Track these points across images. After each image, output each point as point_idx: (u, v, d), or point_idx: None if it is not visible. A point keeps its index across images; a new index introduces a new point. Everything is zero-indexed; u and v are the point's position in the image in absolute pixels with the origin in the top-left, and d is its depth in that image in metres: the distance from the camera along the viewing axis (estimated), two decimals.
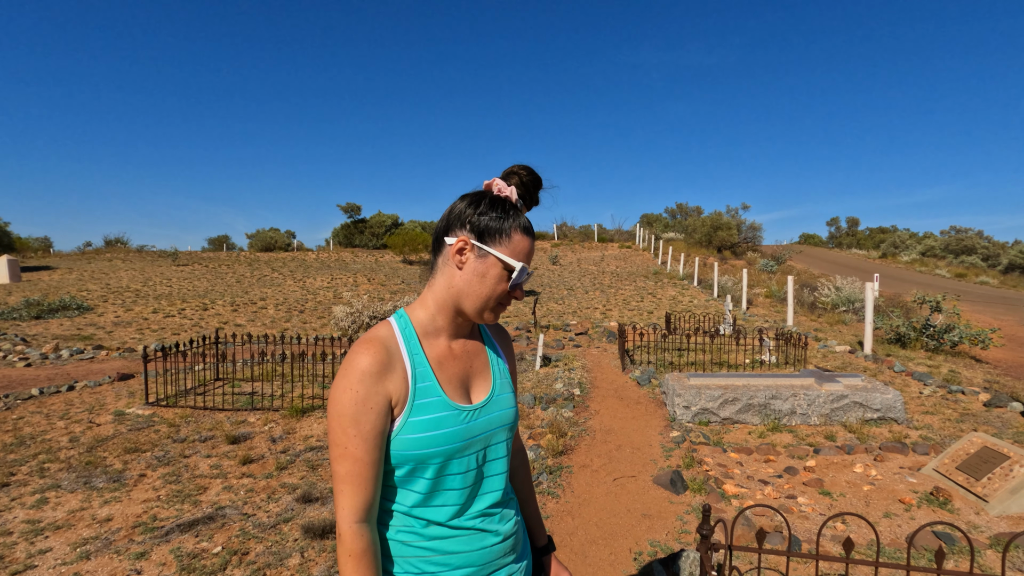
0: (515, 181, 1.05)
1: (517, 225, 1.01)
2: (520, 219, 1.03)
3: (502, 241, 1.00)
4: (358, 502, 0.93)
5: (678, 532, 3.08)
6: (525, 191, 1.06)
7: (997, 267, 28.79)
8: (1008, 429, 4.73)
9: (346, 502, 0.93)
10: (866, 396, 4.97)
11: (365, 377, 0.93)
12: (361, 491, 0.93)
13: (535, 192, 1.08)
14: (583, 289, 16.82)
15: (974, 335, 8.41)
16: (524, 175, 1.05)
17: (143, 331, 10.16)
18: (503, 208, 1.02)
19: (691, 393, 5.09)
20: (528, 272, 1.05)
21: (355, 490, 0.93)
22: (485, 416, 1.05)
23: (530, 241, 1.04)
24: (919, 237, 41.07)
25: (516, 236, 1.01)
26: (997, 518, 3.18)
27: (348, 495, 0.93)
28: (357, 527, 0.93)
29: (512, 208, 1.03)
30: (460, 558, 1.00)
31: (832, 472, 3.89)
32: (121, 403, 5.49)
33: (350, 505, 0.93)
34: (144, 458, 4.07)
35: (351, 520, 0.93)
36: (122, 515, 3.19)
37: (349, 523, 0.93)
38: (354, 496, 0.93)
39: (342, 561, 0.93)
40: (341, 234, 33.48)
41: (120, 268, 19.88)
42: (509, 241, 1.00)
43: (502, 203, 1.02)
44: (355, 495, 0.93)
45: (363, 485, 0.93)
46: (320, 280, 17.93)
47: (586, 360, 7.95)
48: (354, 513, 0.93)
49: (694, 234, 28.79)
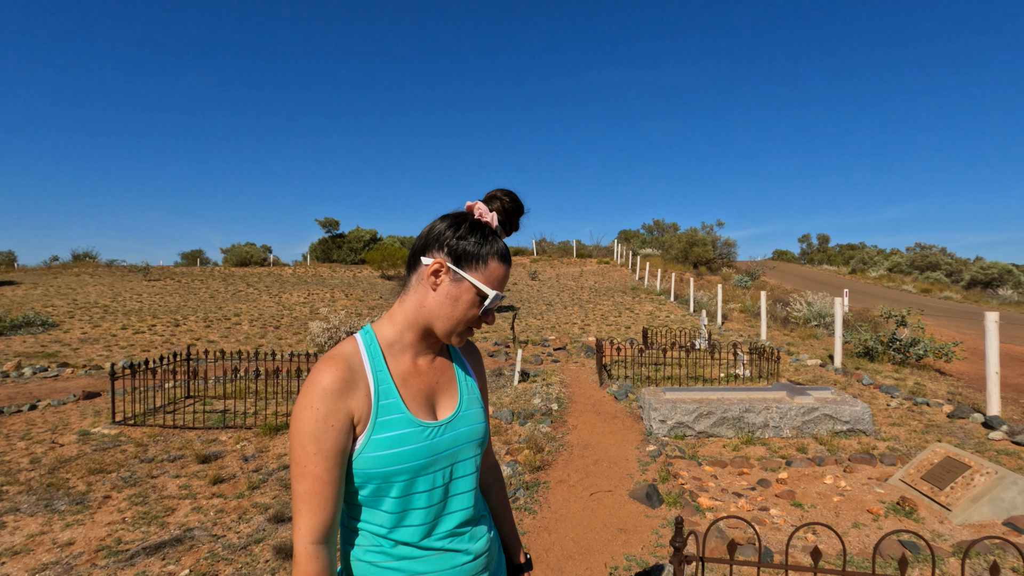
0: (496, 206, 1.04)
1: (495, 252, 1.01)
2: (498, 246, 1.02)
3: (478, 267, 1.00)
4: (315, 522, 0.91)
5: (653, 546, 3.10)
6: (506, 217, 1.05)
7: (960, 283, 29.82)
8: (970, 439, 4.89)
9: (303, 522, 0.91)
10: (836, 409, 5.09)
11: (326, 395, 0.92)
12: (319, 511, 0.91)
13: (516, 218, 1.07)
14: (562, 304, 16.91)
15: (938, 348, 8.69)
16: (507, 201, 1.05)
17: (111, 348, 9.88)
18: (482, 234, 1.01)
19: (667, 407, 5.15)
20: (501, 297, 1.05)
21: (313, 510, 0.91)
22: (451, 432, 1.04)
23: (506, 268, 1.03)
24: (886, 253, 42.38)
25: (493, 263, 1.01)
26: (960, 526, 3.27)
27: (306, 515, 0.90)
28: (313, 548, 0.90)
29: (491, 234, 1.02)
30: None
31: (803, 484, 3.96)
32: (86, 422, 5.32)
33: (307, 525, 0.90)
34: (109, 479, 3.95)
35: (307, 541, 0.90)
36: (85, 539, 3.09)
37: (305, 544, 0.90)
38: (311, 516, 0.91)
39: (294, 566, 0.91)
40: (319, 249, 33.15)
41: (88, 283, 19.33)
42: (486, 268, 1.00)
43: (482, 228, 1.02)
44: (313, 515, 0.91)
45: (322, 505, 0.91)
46: (297, 295, 17.70)
47: (564, 375, 7.98)
48: (311, 534, 0.90)
49: (671, 250, 29.26)
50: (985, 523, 3.29)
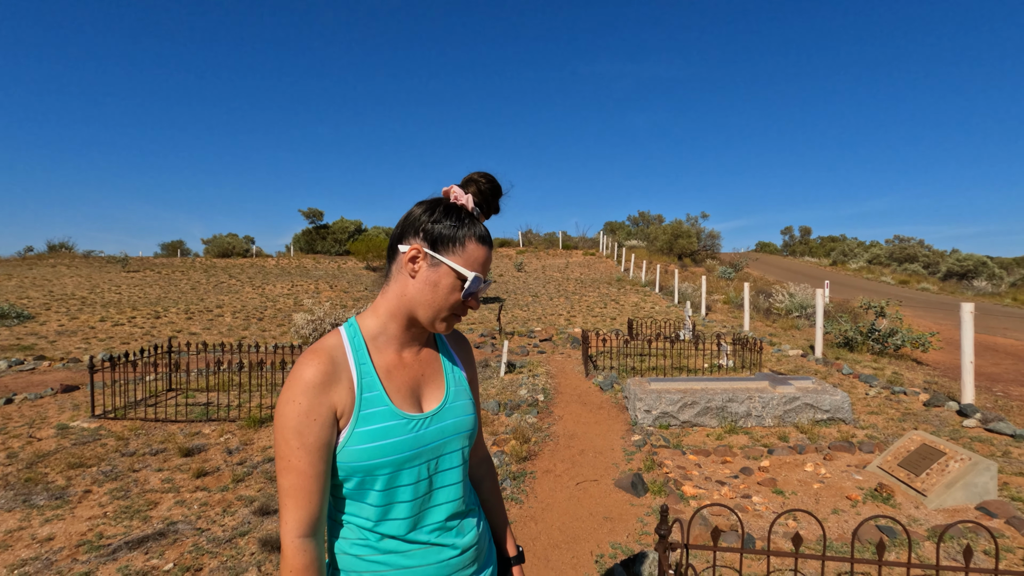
0: (473, 189, 1.03)
1: (472, 234, 1.00)
2: (476, 228, 1.01)
3: (455, 250, 0.99)
4: (301, 516, 0.92)
5: (638, 534, 3.14)
6: (483, 199, 1.04)
7: (936, 274, 30.45)
8: (945, 427, 5.02)
9: (289, 516, 0.91)
10: (816, 398, 5.18)
11: (308, 388, 0.92)
12: (304, 505, 0.92)
13: (494, 200, 1.05)
14: (548, 296, 16.95)
15: (915, 339, 8.88)
16: (483, 183, 1.03)
17: (89, 340, 9.69)
18: (458, 216, 1.00)
19: (652, 397, 5.20)
20: (484, 281, 1.03)
21: (298, 504, 0.91)
22: (437, 424, 1.03)
23: (486, 250, 1.02)
24: (866, 246, 43.10)
25: (471, 245, 0.99)
26: (935, 511, 3.36)
27: (291, 509, 0.91)
28: (300, 542, 0.91)
29: (468, 216, 1.01)
30: (416, 572, 0.99)
31: (785, 471, 4.04)
32: (64, 416, 5.22)
33: (293, 519, 0.91)
34: (89, 473, 3.88)
35: (293, 535, 0.91)
36: (65, 534, 3.04)
37: (291, 538, 0.91)
38: (297, 510, 0.91)
39: (282, 558, 0.91)
40: (302, 240, 32.78)
41: (65, 274, 18.90)
42: (463, 250, 0.99)
43: (457, 211, 1.00)
44: (298, 509, 0.91)
45: (307, 499, 0.92)
46: (280, 287, 17.50)
47: (550, 366, 8.01)
48: (297, 527, 0.91)
49: (656, 242, 29.44)
50: (959, 508, 3.38)
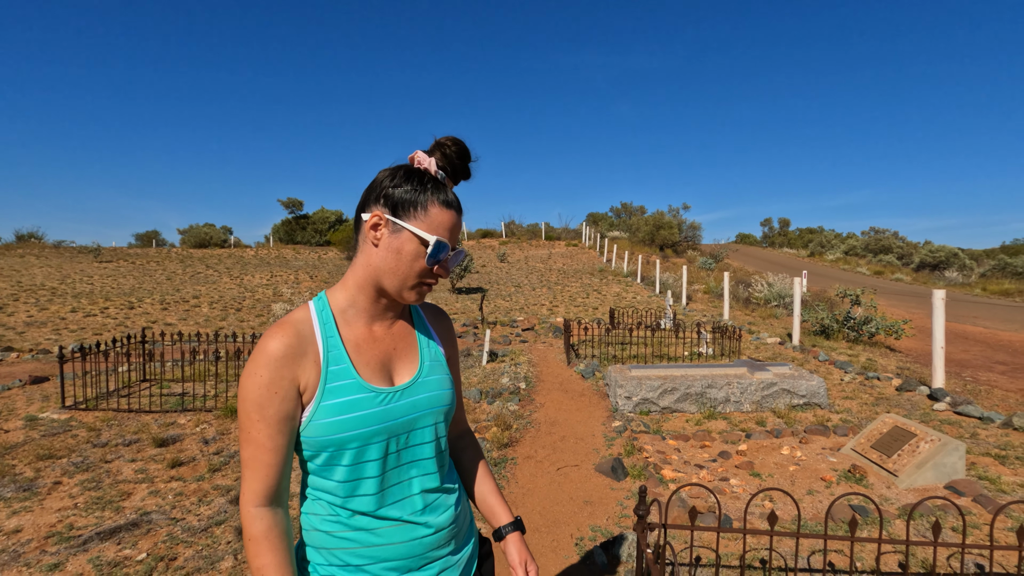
0: (439, 153, 1.00)
1: (435, 198, 0.97)
2: (440, 192, 0.98)
3: (417, 214, 0.95)
4: (258, 487, 0.92)
5: (618, 517, 3.16)
6: (449, 163, 1.00)
7: (910, 265, 31.17)
8: (916, 410, 5.15)
9: (246, 487, 0.92)
10: (793, 383, 5.27)
11: (270, 361, 0.91)
12: (262, 477, 0.92)
13: (462, 164, 1.02)
14: (530, 286, 16.96)
15: (889, 326, 9.09)
16: (449, 146, 1.00)
17: (60, 331, 9.44)
18: (420, 180, 0.97)
19: (632, 384, 5.24)
20: (454, 250, 1.00)
21: (256, 475, 0.91)
22: (408, 399, 1.00)
23: (451, 215, 0.98)
24: (843, 237, 43.94)
25: (433, 209, 0.96)
26: (905, 490, 3.45)
27: (249, 480, 0.92)
28: (255, 511, 0.91)
29: (431, 180, 0.98)
30: (386, 550, 0.97)
31: (762, 455, 4.10)
32: (33, 407, 5.08)
33: (250, 490, 0.92)
34: (59, 465, 3.78)
35: (250, 505, 0.92)
36: (33, 525, 2.96)
37: (248, 508, 0.92)
38: (254, 481, 0.91)
39: (245, 546, 0.92)
40: (282, 230, 32.29)
41: (34, 265, 18.36)
42: (425, 214, 0.96)
43: (420, 175, 0.98)
44: (255, 480, 0.91)
45: (264, 471, 0.92)
46: (259, 277, 17.22)
47: (532, 355, 8.02)
48: (254, 498, 0.92)
49: (638, 233, 29.63)
50: (929, 487, 3.47)
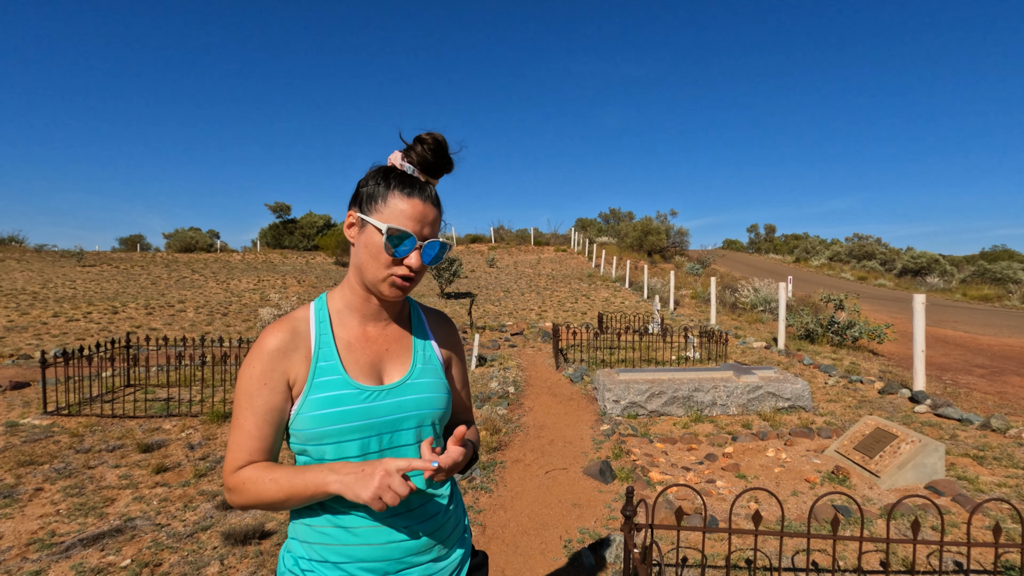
0: (418, 147, 1.00)
1: (395, 188, 0.97)
2: (404, 184, 0.98)
3: (377, 207, 0.97)
4: (239, 462, 0.97)
5: (606, 519, 3.18)
6: (421, 157, 0.99)
7: (893, 271, 31.68)
8: (898, 413, 5.24)
9: (228, 457, 0.98)
10: (778, 387, 5.34)
11: (263, 355, 0.97)
12: (244, 458, 0.97)
13: (438, 156, 0.99)
14: (519, 291, 16.99)
15: (872, 331, 9.23)
16: (426, 139, 0.99)
17: (42, 336, 9.28)
18: (384, 175, 0.99)
19: (620, 388, 5.27)
20: (418, 239, 0.98)
21: (237, 457, 0.97)
22: (393, 399, 1.01)
23: (413, 203, 0.97)
24: (827, 243, 44.55)
25: (393, 199, 0.96)
26: (887, 491, 3.51)
27: (231, 458, 0.98)
28: (236, 472, 0.97)
29: (398, 174, 0.99)
30: (362, 551, 0.97)
31: (748, 457, 4.15)
32: (14, 413, 4.99)
33: (231, 460, 0.98)
34: (41, 471, 3.73)
35: (229, 471, 0.98)
36: (14, 532, 2.91)
37: (227, 474, 0.98)
38: (235, 461, 0.97)
39: (229, 499, 0.97)
40: (269, 235, 32.05)
41: (15, 268, 18.04)
42: (384, 206, 0.96)
43: (387, 171, 1.00)
44: (236, 460, 0.97)
45: (247, 455, 0.97)
46: (246, 282, 17.07)
47: (521, 359, 8.04)
48: (231, 468, 0.98)
49: (626, 238, 29.81)
50: (910, 487, 3.54)
